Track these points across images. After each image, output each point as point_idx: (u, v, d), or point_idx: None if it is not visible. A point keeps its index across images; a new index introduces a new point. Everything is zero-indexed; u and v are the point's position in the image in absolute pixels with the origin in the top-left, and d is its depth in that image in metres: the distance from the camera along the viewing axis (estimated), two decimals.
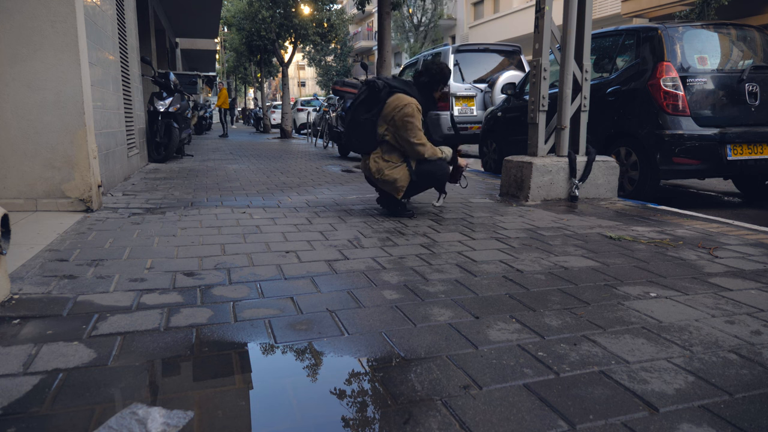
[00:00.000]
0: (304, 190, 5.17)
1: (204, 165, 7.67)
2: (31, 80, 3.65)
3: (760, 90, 4.60)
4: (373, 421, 1.27)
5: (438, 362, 1.55)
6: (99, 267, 2.47)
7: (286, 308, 1.98)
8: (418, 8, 27.47)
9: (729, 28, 4.87)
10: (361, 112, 3.65)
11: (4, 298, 2.00)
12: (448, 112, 8.41)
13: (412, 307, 1.99)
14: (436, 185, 3.81)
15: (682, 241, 3.03)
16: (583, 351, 1.63)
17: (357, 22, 38.98)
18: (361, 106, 3.67)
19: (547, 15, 4.42)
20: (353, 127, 3.70)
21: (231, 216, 3.75)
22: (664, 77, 4.50)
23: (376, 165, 3.62)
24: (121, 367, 1.51)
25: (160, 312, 1.92)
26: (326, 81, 36.36)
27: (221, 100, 18.72)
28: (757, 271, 2.48)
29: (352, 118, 3.69)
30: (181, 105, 8.24)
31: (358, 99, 3.71)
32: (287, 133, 16.26)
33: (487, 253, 2.77)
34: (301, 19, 15.75)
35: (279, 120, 20.97)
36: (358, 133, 3.68)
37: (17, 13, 3.58)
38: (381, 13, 6.96)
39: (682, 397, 1.37)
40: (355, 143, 3.76)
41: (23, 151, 3.69)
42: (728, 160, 4.45)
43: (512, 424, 1.25)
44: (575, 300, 2.08)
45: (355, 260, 2.63)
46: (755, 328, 1.82)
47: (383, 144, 3.63)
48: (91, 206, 3.85)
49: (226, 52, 27.76)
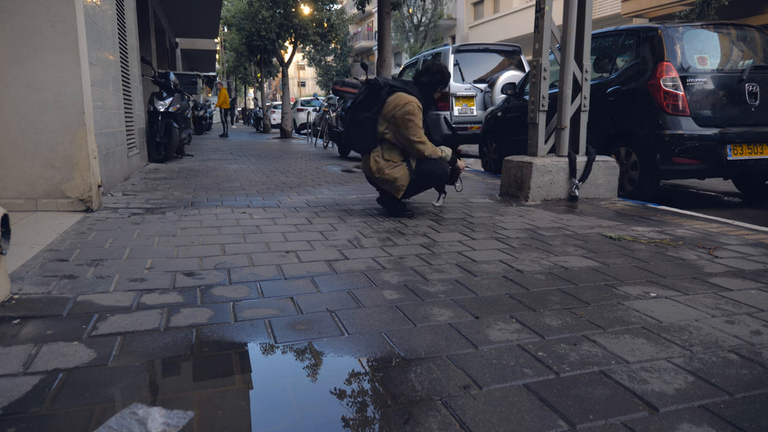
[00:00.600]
0: (304, 190, 5.17)
1: (204, 165, 7.67)
2: (31, 80, 3.65)
3: (760, 90, 4.60)
4: (373, 421, 1.27)
5: (438, 362, 1.55)
6: (99, 267, 2.47)
7: (286, 308, 1.98)
8: (418, 8, 27.47)
9: (729, 28, 4.87)
10: (362, 111, 3.66)
11: (4, 298, 2.00)
12: (448, 112, 8.41)
13: (412, 307, 1.99)
14: (436, 185, 3.81)
15: (682, 241, 3.03)
16: (583, 351, 1.63)
17: (357, 22, 38.98)
18: (361, 105, 3.68)
19: (547, 15, 4.42)
20: (354, 125, 3.70)
21: (231, 216, 3.75)
22: (664, 77, 4.50)
23: (377, 164, 3.62)
24: (121, 367, 1.51)
25: (160, 312, 1.92)
26: (326, 81, 36.37)
27: (221, 100, 18.87)
28: (757, 271, 2.48)
29: (353, 117, 3.70)
30: (181, 105, 8.24)
31: (358, 98, 3.71)
32: (287, 133, 16.26)
33: (487, 253, 2.77)
34: (301, 19, 15.76)
35: (279, 120, 20.99)
36: (358, 132, 3.68)
37: (17, 13, 3.58)
38: (381, 13, 6.96)
39: (682, 397, 1.37)
40: (355, 142, 3.76)
41: (23, 151, 3.69)
42: (728, 160, 4.45)
43: (512, 424, 1.25)
44: (575, 300, 2.08)
45: (355, 260, 2.63)
46: (755, 328, 1.82)
47: (383, 143, 3.63)
48: (91, 206, 3.85)
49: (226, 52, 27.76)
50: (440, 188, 4.02)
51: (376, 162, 3.63)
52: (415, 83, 3.73)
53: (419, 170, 3.61)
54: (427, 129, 3.73)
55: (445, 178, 3.77)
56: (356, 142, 3.76)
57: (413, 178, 3.61)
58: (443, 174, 3.70)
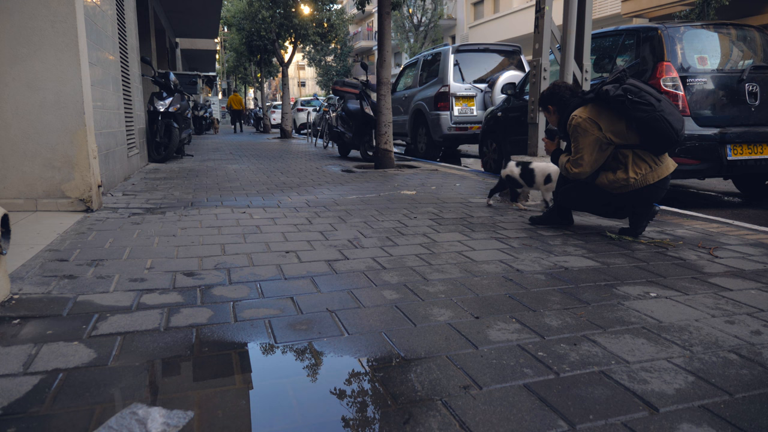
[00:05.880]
0: (304, 190, 5.17)
1: (204, 165, 7.67)
2: (31, 80, 3.65)
3: (760, 90, 4.60)
4: (373, 421, 1.27)
5: (438, 362, 1.55)
6: (99, 267, 2.47)
7: (286, 308, 1.98)
8: (418, 8, 27.46)
9: (729, 28, 4.86)
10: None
11: (4, 298, 2.00)
12: (448, 113, 8.41)
13: (412, 307, 1.99)
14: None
15: (682, 241, 3.03)
16: (583, 351, 1.63)
17: (357, 22, 38.97)
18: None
19: (547, 15, 4.42)
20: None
21: (231, 216, 3.75)
22: (664, 77, 4.50)
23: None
24: (121, 367, 1.51)
25: (160, 312, 1.92)
26: (326, 81, 36.37)
27: (236, 104, 22.52)
28: (757, 271, 2.48)
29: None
30: (181, 105, 8.24)
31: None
32: (287, 133, 16.26)
33: (487, 253, 2.77)
34: (301, 19, 15.74)
35: (279, 120, 21.06)
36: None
37: (17, 13, 3.58)
38: (381, 13, 6.95)
39: (682, 397, 1.37)
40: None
41: (23, 151, 3.69)
42: (728, 160, 4.45)
43: (512, 424, 1.25)
44: (575, 300, 2.08)
45: (355, 260, 2.63)
46: (755, 328, 1.82)
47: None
48: (91, 206, 3.85)
49: (226, 52, 27.75)
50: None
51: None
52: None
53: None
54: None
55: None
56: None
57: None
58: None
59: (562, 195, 3.32)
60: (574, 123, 3.04)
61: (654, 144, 2.95)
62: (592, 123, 2.99)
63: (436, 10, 27.15)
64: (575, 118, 3.04)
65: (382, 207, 4.16)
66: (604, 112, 3.01)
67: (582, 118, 3.01)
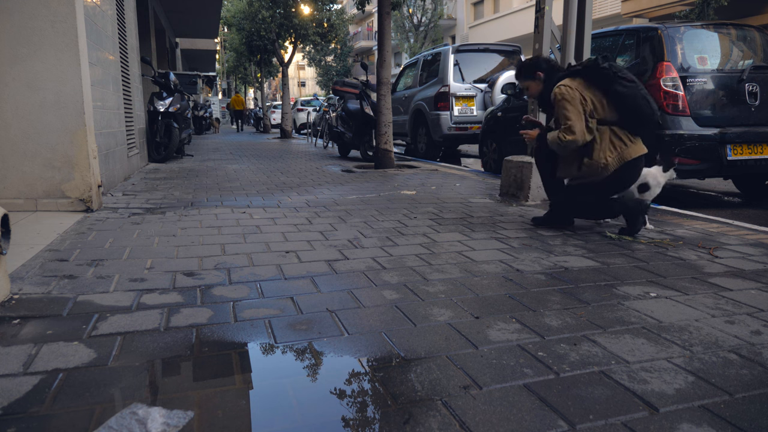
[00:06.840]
0: (304, 190, 5.17)
1: (204, 165, 7.67)
2: (31, 80, 3.65)
3: (760, 90, 4.60)
4: (373, 421, 1.27)
5: (438, 362, 1.55)
6: (99, 267, 2.47)
7: (286, 308, 1.98)
8: (418, 8, 27.46)
9: (729, 28, 4.87)
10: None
11: (4, 298, 2.00)
12: (448, 113, 8.41)
13: (412, 307, 1.99)
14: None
15: (682, 241, 3.03)
16: (583, 351, 1.63)
17: (357, 22, 38.97)
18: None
19: (547, 15, 4.42)
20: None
21: (231, 216, 3.75)
22: (664, 77, 4.50)
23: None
24: (121, 367, 1.51)
25: (160, 312, 1.92)
26: (326, 81, 36.37)
27: (238, 104, 24.29)
28: (757, 271, 2.48)
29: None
30: (181, 105, 8.24)
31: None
32: (287, 133, 16.26)
33: (487, 253, 2.77)
34: (301, 19, 15.74)
35: (279, 120, 21.06)
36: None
37: (17, 13, 3.58)
38: (381, 13, 6.95)
39: (682, 397, 1.37)
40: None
41: (23, 151, 3.69)
42: (728, 160, 4.45)
43: (512, 424, 1.25)
44: (575, 300, 2.08)
45: (355, 260, 2.63)
46: (755, 328, 1.82)
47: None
48: (91, 206, 3.85)
49: (226, 52, 27.76)
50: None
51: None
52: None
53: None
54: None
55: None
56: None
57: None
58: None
59: (566, 197, 3.37)
60: (562, 91, 3.13)
61: (632, 121, 3.09)
62: (579, 93, 3.13)
63: (436, 10, 27.15)
64: (562, 87, 3.15)
65: (382, 207, 4.16)
66: (590, 87, 3.16)
67: (570, 87, 3.13)
